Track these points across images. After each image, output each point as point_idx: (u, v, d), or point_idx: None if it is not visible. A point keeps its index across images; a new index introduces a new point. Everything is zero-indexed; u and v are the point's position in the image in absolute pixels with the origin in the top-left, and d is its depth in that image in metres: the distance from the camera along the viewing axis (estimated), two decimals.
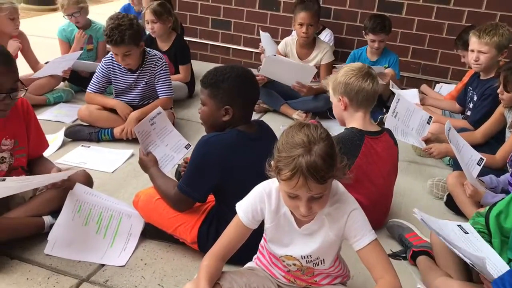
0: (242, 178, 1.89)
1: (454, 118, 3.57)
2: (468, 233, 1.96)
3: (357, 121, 2.35)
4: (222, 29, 5.30)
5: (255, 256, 1.86)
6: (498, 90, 2.85)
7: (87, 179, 2.39)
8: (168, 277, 2.09)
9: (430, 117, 3.11)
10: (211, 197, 2.15)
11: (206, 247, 1.80)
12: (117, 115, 3.37)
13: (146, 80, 3.42)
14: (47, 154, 2.66)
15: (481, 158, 2.56)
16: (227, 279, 1.65)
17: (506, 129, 2.93)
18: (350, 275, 1.84)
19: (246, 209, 1.65)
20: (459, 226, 2.00)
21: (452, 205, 2.71)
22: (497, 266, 1.81)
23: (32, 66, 3.98)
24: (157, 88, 3.44)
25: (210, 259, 1.64)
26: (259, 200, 1.64)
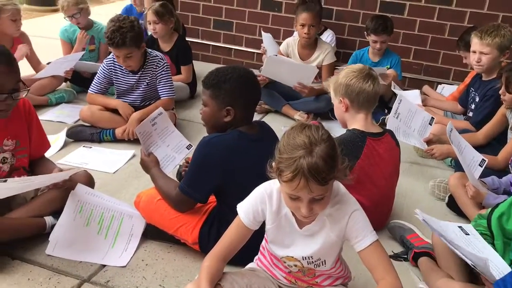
0: (243, 179, 1.88)
1: (456, 119, 3.55)
2: (469, 234, 1.96)
3: (358, 122, 2.35)
4: (224, 29, 5.30)
5: (256, 257, 1.86)
6: (500, 91, 2.84)
7: (89, 180, 2.39)
8: (169, 277, 2.09)
9: (432, 118, 3.10)
10: (212, 198, 2.15)
11: (207, 248, 1.80)
12: (119, 116, 3.37)
13: (147, 81, 3.42)
14: (49, 154, 2.66)
15: (483, 159, 2.55)
16: (228, 280, 1.65)
17: (508, 130, 2.92)
18: (351, 276, 1.84)
19: (247, 210, 1.65)
20: (460, 227, 1.99)
21: (453, 206, 2.70)
22: (499, 267, 1.81)
23: (34, 66, 3.98)
24: (158, 89, 3.44)
25: (211, 260, 1.64)
26: (260, 201, 1.64)
